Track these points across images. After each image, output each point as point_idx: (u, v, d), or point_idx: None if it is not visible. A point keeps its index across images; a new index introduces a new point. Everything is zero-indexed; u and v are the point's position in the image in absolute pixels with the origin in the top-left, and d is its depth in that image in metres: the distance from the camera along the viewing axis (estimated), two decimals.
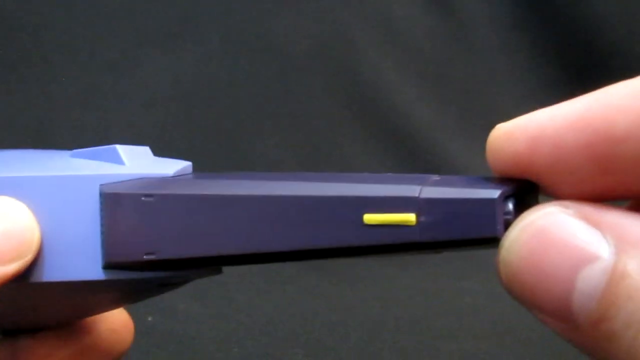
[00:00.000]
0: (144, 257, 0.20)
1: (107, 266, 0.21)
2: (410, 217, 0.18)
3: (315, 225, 0.19)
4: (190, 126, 0.55)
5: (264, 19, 0.59)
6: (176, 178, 0.21)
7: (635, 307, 0.15)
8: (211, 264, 0.21)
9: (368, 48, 0.57)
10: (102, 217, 0.21)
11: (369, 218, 0.18)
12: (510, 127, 0.17)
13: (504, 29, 0.58)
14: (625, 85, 0.16)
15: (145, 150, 0.22)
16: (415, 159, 0.54)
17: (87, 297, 0.22)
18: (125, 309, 0.26)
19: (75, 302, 0.23)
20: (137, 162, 0.21)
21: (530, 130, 0.17)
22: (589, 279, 0.15)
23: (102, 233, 0.21)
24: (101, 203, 0.21)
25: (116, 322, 0.26)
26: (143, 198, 0.20)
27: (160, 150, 0.23)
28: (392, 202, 0.18)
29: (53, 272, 0.21)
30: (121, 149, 0.21)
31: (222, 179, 0.20)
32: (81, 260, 0.21)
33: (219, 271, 0.21)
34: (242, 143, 0.54)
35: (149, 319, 0.43)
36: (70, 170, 0.21)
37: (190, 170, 0.22)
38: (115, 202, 0.20)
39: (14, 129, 0.54)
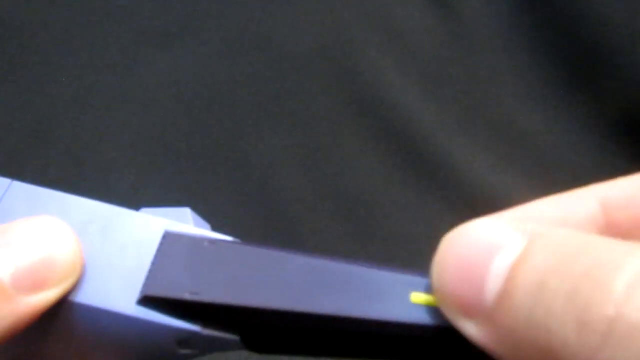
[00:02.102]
0: (186, 295, 0.21)
1: (142, 301, 0.21)
2: None
3: (364, 295, 0.20)
4: (190, 126, 0.55)
5: (264, 19, 0.59)
6: (236, 240, 0.22)
7: (536, 279, 0.17)
8: (248, 325, 0.21)
9: (368, 48, 0.57)
10: (156, 256, 0.21)
11: (416, 297, 0.20)
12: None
13: (504, 29, 0.58)
14: (540, 202, 0.22)
15: (207, 225, 0.24)
16: (416, 159, 0.54)
17: (101, 344, 0.22)
18: None
19: (86, 351, 0.23)
20: (201, 226, 0.23)
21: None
22: (501, 262, 0.17)
23: (150, 270, 0.21)
24: (160, 243, 0.22)
25: None
26: (206, 243, 0.22)
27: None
28: None
29: (87, 296, 0.21)
30: (190, 213, 0.23)
31: (282, 249, 0.22)
32: (118, 292, 0.21)
33: (240, 347, 0.22)
34: (242, 143, 0.54)
35: None
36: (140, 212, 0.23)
37: None
38: (176, 242, 0.22)
39: (14, 129, 0.54)
